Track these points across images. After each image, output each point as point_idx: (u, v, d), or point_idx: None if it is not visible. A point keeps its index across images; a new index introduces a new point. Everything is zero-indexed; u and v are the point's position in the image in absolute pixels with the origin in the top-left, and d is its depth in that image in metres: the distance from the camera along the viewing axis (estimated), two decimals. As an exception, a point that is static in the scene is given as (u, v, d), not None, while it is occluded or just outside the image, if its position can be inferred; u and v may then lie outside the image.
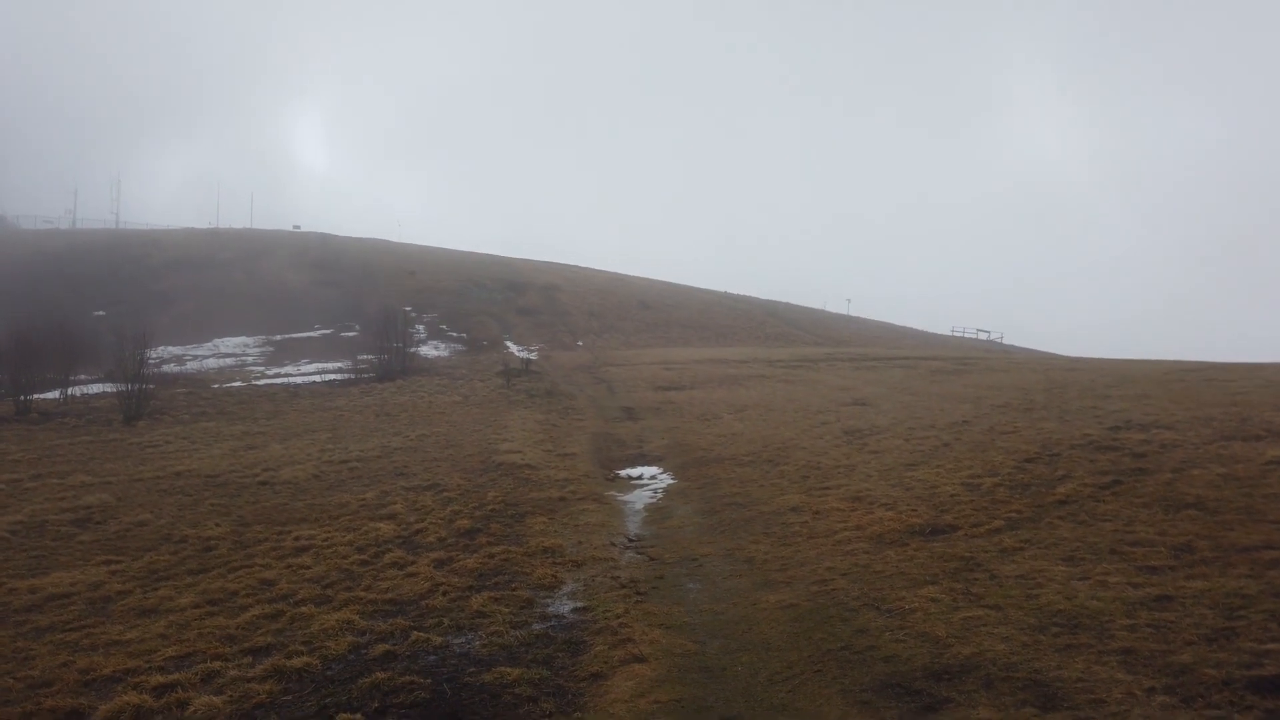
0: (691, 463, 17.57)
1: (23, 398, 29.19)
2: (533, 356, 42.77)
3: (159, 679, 7.13)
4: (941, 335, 71.60)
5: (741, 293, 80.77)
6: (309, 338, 51.74)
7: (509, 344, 50.30)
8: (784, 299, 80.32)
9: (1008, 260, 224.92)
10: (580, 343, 52.38)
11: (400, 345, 41.38)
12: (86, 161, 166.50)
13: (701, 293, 77.83)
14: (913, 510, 11.16)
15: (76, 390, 32.36)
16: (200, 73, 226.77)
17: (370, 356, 41.24)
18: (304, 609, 8.84)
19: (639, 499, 14.94)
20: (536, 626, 7.93)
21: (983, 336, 71.87)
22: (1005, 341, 70.31)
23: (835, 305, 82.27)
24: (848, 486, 13.28)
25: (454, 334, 53.24)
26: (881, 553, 9.55)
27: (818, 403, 23.94)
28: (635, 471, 17.55)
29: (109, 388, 30.85)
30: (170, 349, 45.02)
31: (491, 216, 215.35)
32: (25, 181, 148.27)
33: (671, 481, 16.32)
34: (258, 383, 37.26)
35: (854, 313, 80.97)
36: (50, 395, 31.34)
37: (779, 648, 7.15)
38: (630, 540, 11.75)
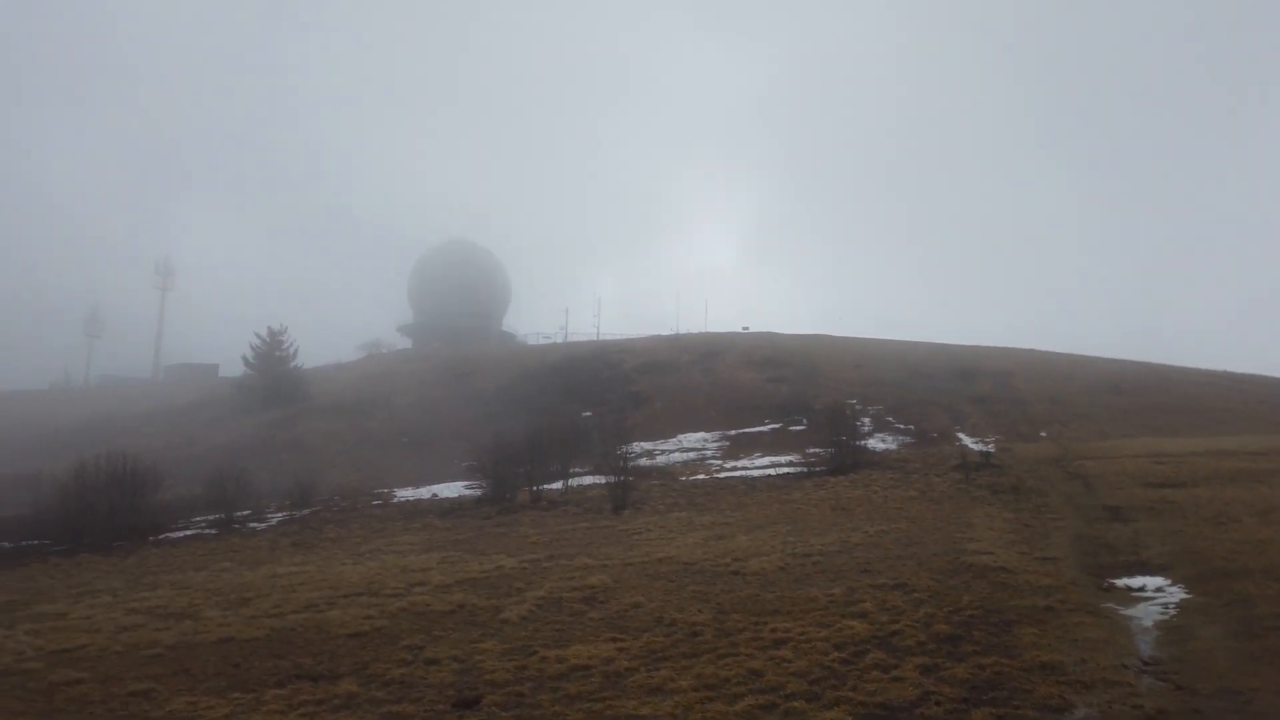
0: (1208, 574, 14.91)
1: (535, 488, 34.63)
2: (990, 449, 40.03)
3: (677, 758, 7.66)
4: None
5: (1246, 371, 68.15)
6: (759, 432, 54.20)
7: (960, 435, 47.81)
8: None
9: None
10: (1043, 433, 48.03)
11: (848, 438, 41.44)
12: (573, 283, 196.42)
13: (1190, 373, 67.16)
14: None
15: (574, 481, 37.41)
16: (632, 208, 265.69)
17: (818, 450, 41.88)
18: (795, 704, 8.97)
19: (1145, 614, 13.02)
20: (1052, 755, 7.14)
21: None
22: None
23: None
24: None
25: (900, 425, 52.07)
26: None
27: (1382, 505, 19.05)
28: (1135, 582, 15.33)
29: (598, 479, 35.20)
30: (643, 444, 50.07)
31: (941, 308, 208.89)
32: (531, 306, 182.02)
33: (1185, 596, 13.96)
34: (718, 475, 39.79)
35: None
36: (554, 486, 36.64)
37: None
38: (1145, 663, 10.20)
